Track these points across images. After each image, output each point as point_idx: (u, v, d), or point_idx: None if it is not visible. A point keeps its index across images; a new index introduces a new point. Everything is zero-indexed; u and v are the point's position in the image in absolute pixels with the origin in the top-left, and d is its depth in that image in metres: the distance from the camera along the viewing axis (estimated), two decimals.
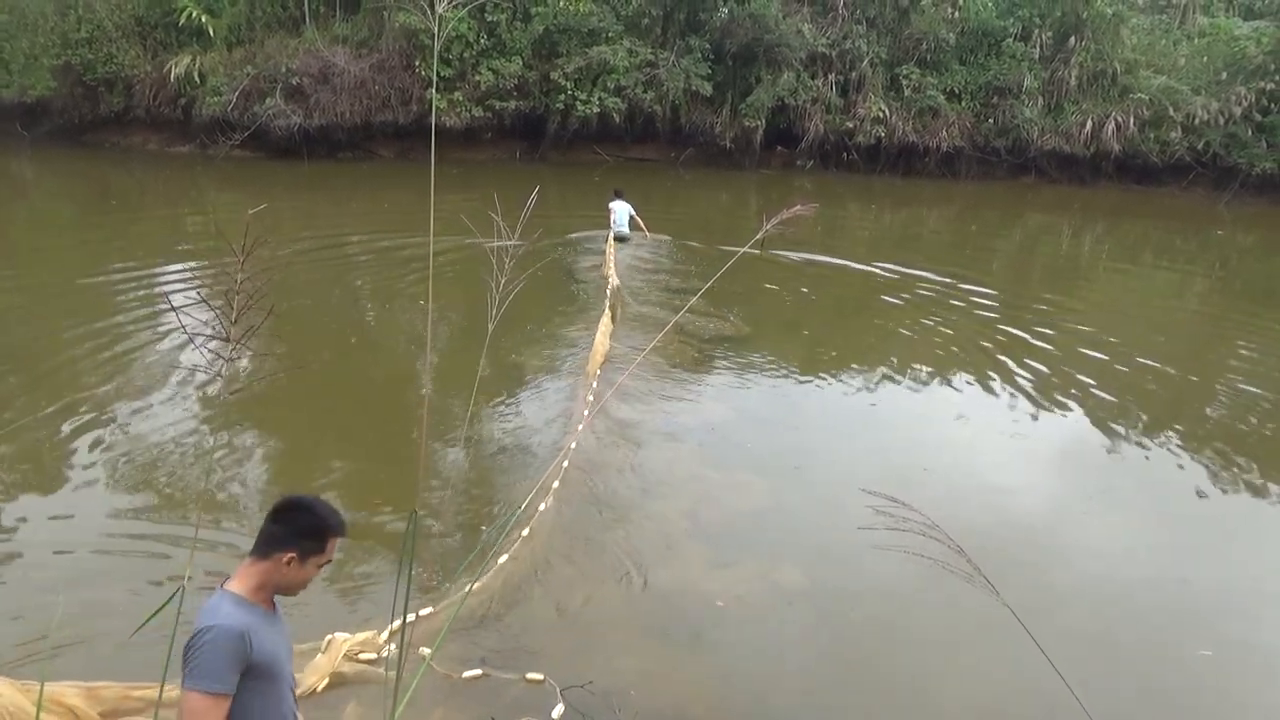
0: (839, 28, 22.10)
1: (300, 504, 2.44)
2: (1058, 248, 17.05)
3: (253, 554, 2.39)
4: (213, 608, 2.26)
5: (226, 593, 2.32)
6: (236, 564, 4.93)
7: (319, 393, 7.88)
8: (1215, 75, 21.29)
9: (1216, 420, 8.39)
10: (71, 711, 3.47)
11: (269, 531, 2.38)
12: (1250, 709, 4.57)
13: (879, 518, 2.10)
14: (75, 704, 3.49)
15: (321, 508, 2.45)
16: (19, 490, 5.95)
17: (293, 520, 2.39)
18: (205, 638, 2.18)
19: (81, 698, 3.52)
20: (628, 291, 11.22)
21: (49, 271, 11.57)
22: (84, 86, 21.13)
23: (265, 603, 2.40)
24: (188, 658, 2.18)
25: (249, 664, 2.24)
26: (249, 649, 2.23)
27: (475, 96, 20.54)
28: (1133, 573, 5.65)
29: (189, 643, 2.19)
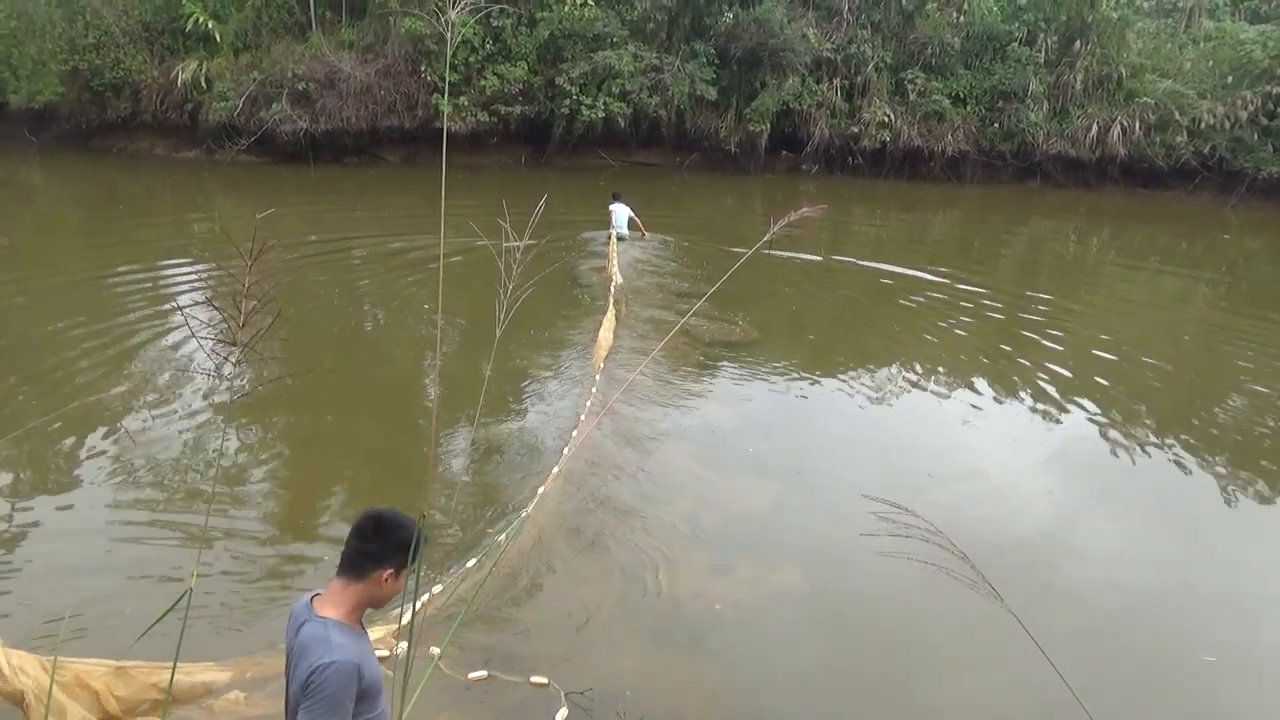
0: (844, 32, 22.11)
1: (387, 519, 2.40)
2: (1064, 251, 17.02)
3: (346, 575, 2.36)
4: (323, 639, 2.26)
5: (330, 621, 2.31)
6: (241, 567, 5.04)
7: (326, 396, 7.90)
8: (1221, 79, 21.26)
9: (1222, 424, 8.37)
10: (95, 695, 3.48)
11: (363, 550, 2.35)
12: (1253, 715, 4.56)
13: (881, 524, 2.10)
14: (98, 688, 3.50)
15: (405, 518, 2.42)
16: (26, 492, 5.98)
17: (387, 537, 2.36)
18: (326, 674, 2.19)
19: (107, 679, 3.54)
20: (633, 293, 11.29)
21: (57, 275, 11.61)
22: (91, 92, 21.22)
23: (359, 624, 2.40)
24: (309, 692, 2.19)
25: (359, 692, 2.26)
26: (362, 680, 2.25)
27: (481, 102, 20.59)
28: (1136, 578, 5.64)
29: (309, 677, 2.20)
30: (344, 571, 2.36)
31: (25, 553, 5.26)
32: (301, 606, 2.39)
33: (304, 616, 2.34)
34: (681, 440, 7.18)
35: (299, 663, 2.26)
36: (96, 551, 5.28)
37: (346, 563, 2.36)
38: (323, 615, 2.32)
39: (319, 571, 5.18)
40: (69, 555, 5.23)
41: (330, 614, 2.32)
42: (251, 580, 5.08)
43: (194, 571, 2.10)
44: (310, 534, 5.66)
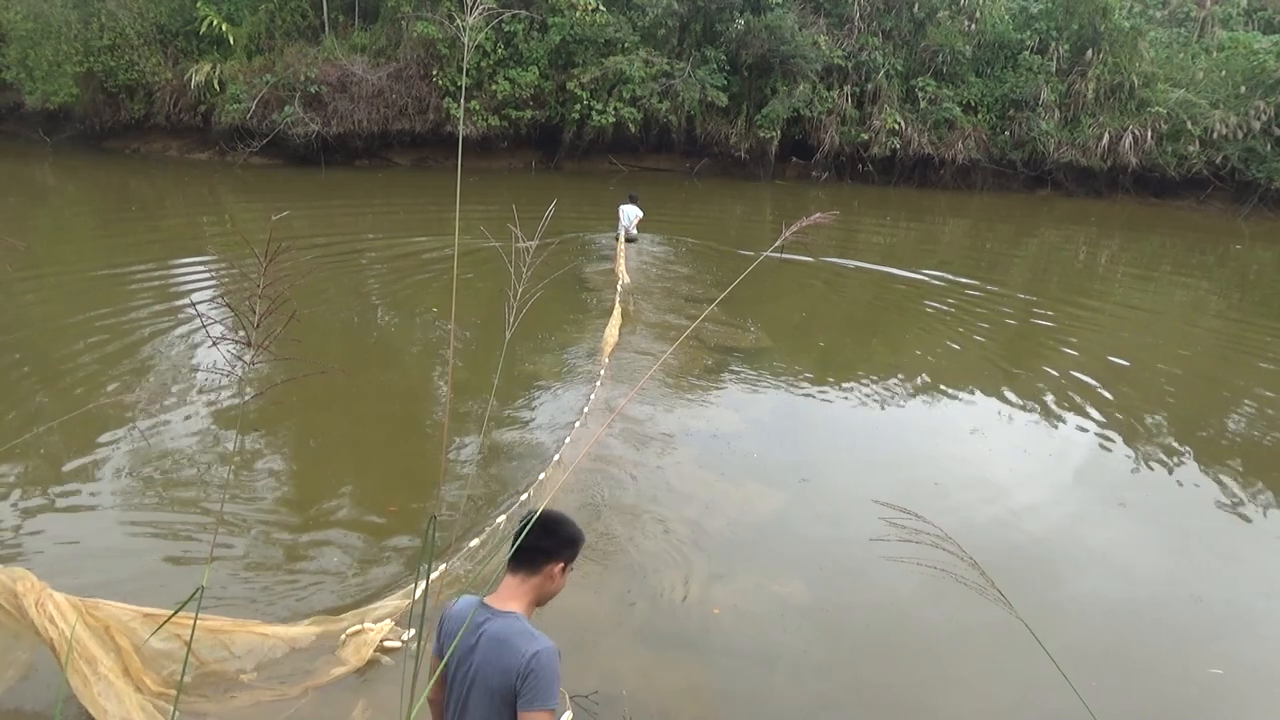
0: (855, 40, 22.13)
1: (555, 517, 2.52)
2: (1074, 260, 16.97)
3: (519, 571, 2.45)
4: (522, 630, 2.35)
5: (518, 614, 2.40)
6: (254, 564, 5.07)
7: (337, 397, 7.93)
8: (1234, 89, 21.19)
9: (1233, 435, 8.32)
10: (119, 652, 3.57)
11: (537, 547, 2.43)
12: None
13: (889, 529, 2.10)
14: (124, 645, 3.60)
15: (568, 517, 2.57)
16: (41, 490, 6.01)
17: (558, 533, 2.48)
18: (541, 660, 2.29)
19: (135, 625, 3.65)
20: (643, 294, 11.41)
21: (71, 275, 11.69)
22: (105, 93, 21.39)
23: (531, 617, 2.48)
24: (530, 679, 2.27)
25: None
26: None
27: (492, 106, 20.68)
28: (1146, 589, 5.61)
29: (528, 664, 2.28)
30: (519, 568, 2.45)
31: (39, 551, 5.29)
32: (470, 606, 2.43)
33: (485, 615, 2.40)
34: (687, 445, 7.18)
35: (499, 656, 2.32)
36: (110, 550, 5.32)
37: (520, 560, 2.44)
38: (504, 610, 2.39)
39: (332, 568, 5.22)
40: (83, 554, 5.26)
41: (513, 608, 2.41)
42: (264, 576, 5.12)
43: (206, 569, 2.11)
44: (324, 532, 5.68)
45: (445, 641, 2.45)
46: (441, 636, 2.48)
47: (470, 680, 2.38)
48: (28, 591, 3.46)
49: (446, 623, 2.48)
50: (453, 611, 2.49)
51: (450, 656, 2.40)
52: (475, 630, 2.38)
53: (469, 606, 2.44)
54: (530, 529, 2.41)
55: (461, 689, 2.40)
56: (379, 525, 5.81)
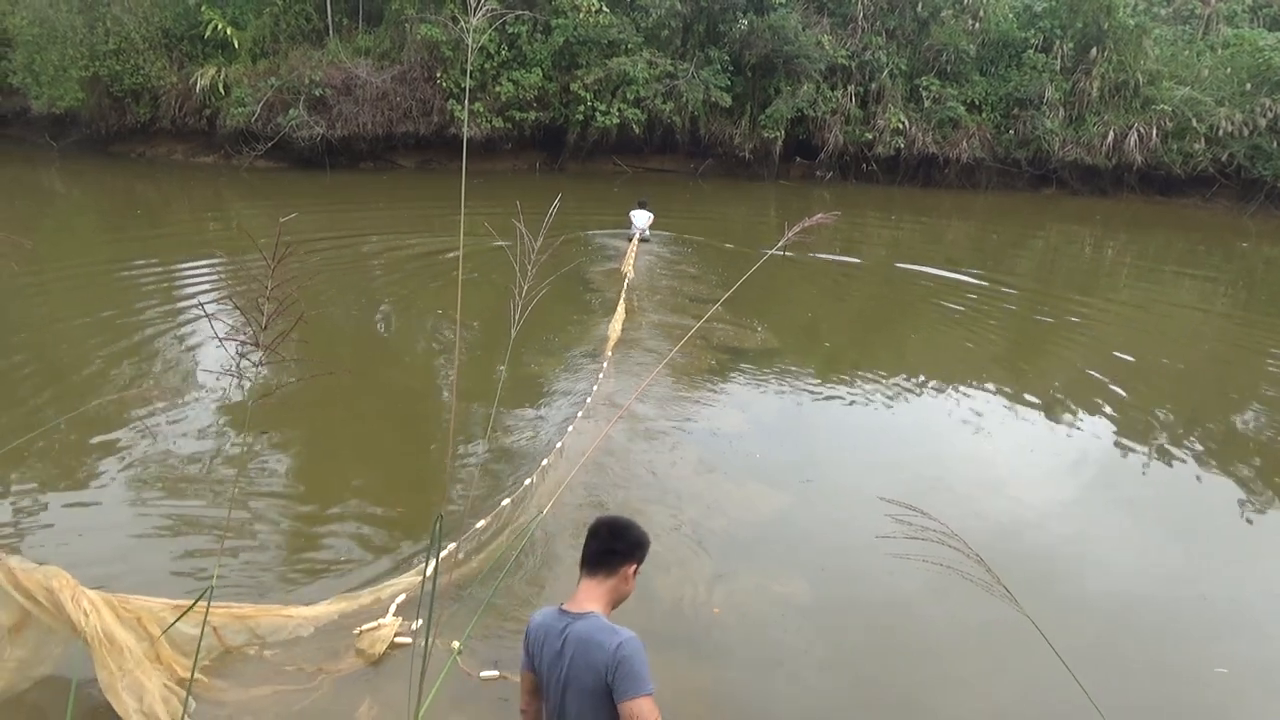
0: (858, 39, 22.11)
1: (623, 522, 2.68)
2: (1079, 259, 16.94)
3: (595, 574, 2.57)
4: (605, 628, 2.45)
5: (595, 614, 2.50)
6: (261, 567, 5.09)
7: (343, 397, 7.95)
8: (1239, 86, 21.13)
9: (1242, 433, 8.31)
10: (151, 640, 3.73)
11: (610, 550, 2.59)
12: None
13: (893, 527, 2.10)
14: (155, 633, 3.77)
15: (633, 520, 2.73)
16: (48, 489, 6.05)
17: (627, 536, 2.63)
18: (630, 648, 2.39)
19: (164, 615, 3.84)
20: (650, 291, 11.57)
21: (77, 276, 11.73)
22: (111, 98, 21.45)
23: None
24: (622, 668, 2.36)
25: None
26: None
27: (496, 107, 20.70)
28: (1152, 587, 5.60)
29: (616, 654, 2.37)
30: (594, 571, 2.57)
31: (46, 551, 5.31)
32: (551, 615, 2.56)
33: (566, 620, 2.50)
34: (690, 444, 7.19)
35: (586, 655, 2.41)
36: (118, 549, 5.34)
37: (595, 563, 2.57)
38: (583, 611, 2.50)
39: (341, 558, 5.26)
40: (90, 552, 5.27)
41: (591, 609, 2.51)
42: (271, 574, 5.14)
43: (215, 569, 2.13)
44: (330, 530, 5.72)
45: (534, 652, 2.56)
46: (530, 649, 2.58)
47: (563, 684, 2.45)
48: (63, 588, 3.57)
49: (532, 634, 2.57)
50: (536, 622, 2.58)
51: (540, 665, 2.52)
52: (560, 635, 2.47)
53: (550, 616, 2.55)
54: (600, 533, 2.59)
55: (556, 695, 2.48)
56: (386, 519, 5.86)
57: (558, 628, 2.50)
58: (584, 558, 2.60)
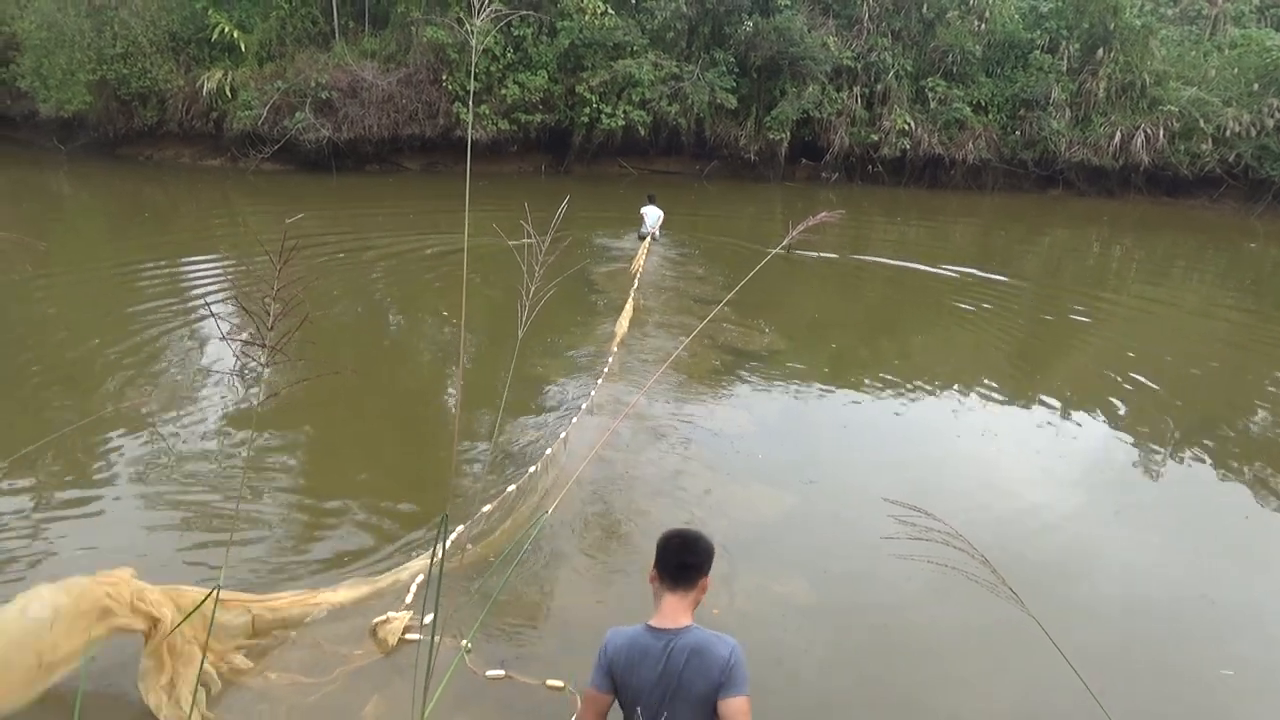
0: (864, 40, 22.10)
1: (693, 534, 2.81)
2: (1086, 260, 16.90)
3: (677, 589, 2.70)
4: (708, 638, 2.64)
5: (693, 627, 2.67)
6: (269, 564, 5.12)
7: (349, 398, 7.98)
8: (1247, 87, 21.07)
9: (1248, 436, 8.27)
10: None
11: (688, 564, 2.71)
12: None
13: (896, 528, 2.10)
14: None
15: (697, 530, 2.86)
16: (56, 493, 6.07)
17: (699, 549, 2.75)
18: (740, 654, 2.62)
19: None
20: (657, 289, 11.65)
21: (86, 280, 11.78)
22: (119, 101, 21.54)
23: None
24: (733, 674, 2.57)
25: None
26: None
27: (501, 110, 20.73)
28: (1157, 590, 5.58)
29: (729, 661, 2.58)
30: (678, 587, 2.70)
31: (56, 554, 5.34)
32: (639, 635, 2.68)
33: (665, 637, 2.64)
34: (693, 444, 7.18)
35: (702, 664, 2.58)
36: (126, 552, 5.35)
37: (678, 580, 2.70)
38: (679, 625, 2.66)
39: (349, 555, 5.30)
40: (99, 557, 5.29)
41: (685, 623, 2.67)
42: (281, 564, 5.17)
43: (222, 570, 2.14)
44: (336, 530, 5.73)
45: (620, 674, 2.66)
46: (613, 671, 2.68)
47: (669, 696, 2.60)
48: (127, 585, 3.87)
49: (617, 656, 2.67)
50: (619, 645, 2.68)
51: (630, 684, 2.65)
52: (663, 652, 2.61)
53: (640, 636, 2.67)
54: (676, 549, 2.72)
55: (658, 707, 2.61)
56: (393, 512, 5.88)
57: (657, 646, 2.62)
58: (665, 575, 2.71)
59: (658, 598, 2.74)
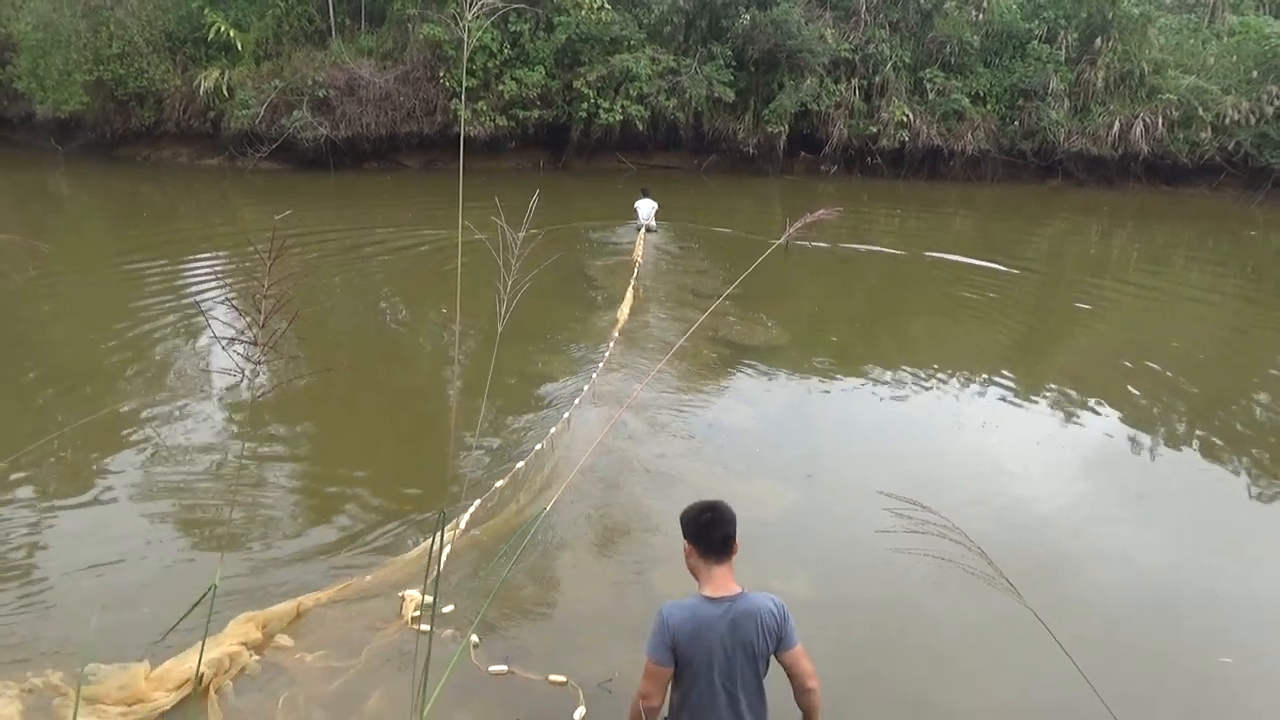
0: (862, 32, 22.04)
1: (721, 506, 2.96)
2: (1086, 250, 16.88)
3: (720, 560, 2.91)
4: (757, 598, 2.90)
5: (743, 592, 2.89)
6: (263, 565, 5.12)
7: (344, 393, 8.00)
8: (1246, 74, 21.00)
9: (1248, 424, 8.26)
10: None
11: (727, 536, 2.91)
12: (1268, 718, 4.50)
13: (895, 520, 2.09)
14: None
15: (718, 500, 3.02)
16: (55, 491, 6.08)
17: (731, 518, 2.93)
18: (786, 609, 2.92)
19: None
20: (657, 285, 11.72)
21: (85, 280, 11.78)
22: (116, 101, 21.50)
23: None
24: (789, 624, 2.89)
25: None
26: None
27: (499, 106, 20.69)
28: (1158, 580, 5.57)
29: (783, 614, 2.89)
30: (723, 557, 2.91)
31: (52, 555, 5.34)
32: (698, 606, 2.86)
33: (724, 605, 2.84)
34: (693, 438, 7.19)
35: (761, 622, 2.83)
36: (122, 551, 5.36)
37: (721, 551, 2.90)
38: (733, 593, 2.87)
39: (338, 562, 5.27)
40: (95, 556, 5.30)
41: (736, 589, 2.89)
42: (276, 572, 5.16)
43: (219, 568, 2.13)
44: (332, 527, 5.73)
45: (684, 644, 2.81)
46: (675, 643, 2.82)
47: (732, 654, 2.82)
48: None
49: (681, 628, 2.82)
50: (681, 618, 2.83)
51: (696, 652, 2.81)
52: (724, 617, 2.82)
53: (699, 608, 2.85)
54: (712, 524, 2.90)
55: (723, 669, 2.82)
56: (392, 508, 5.88)
57: (717, 613, 2.82)
58: (709, 550, 2.90)
59: (704, 570, 2.91)
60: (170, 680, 3.95)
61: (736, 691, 2.85)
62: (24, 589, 4.94)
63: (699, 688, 2.84)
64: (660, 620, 2.85)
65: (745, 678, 2.85)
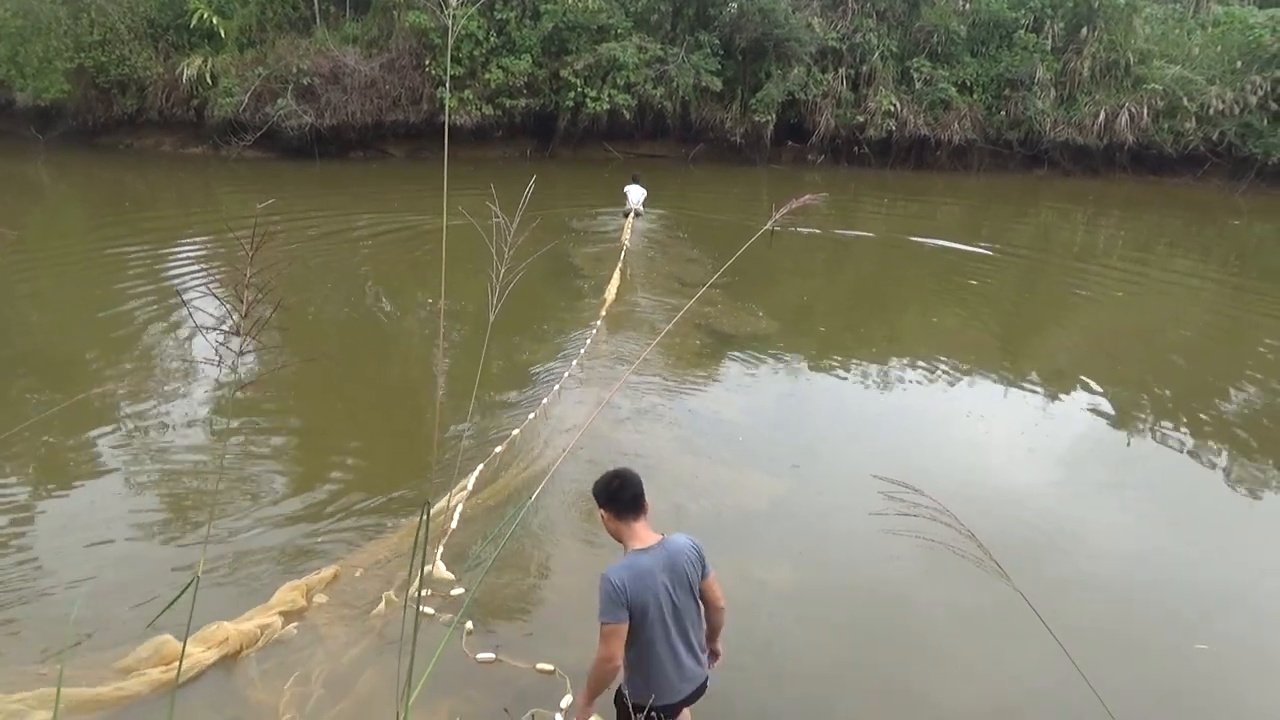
0: (849, 21, 22.01)
1: (627, 471, 3.28)
2: (1072, 239, 16.95)
3: (637, 516, 3.21)
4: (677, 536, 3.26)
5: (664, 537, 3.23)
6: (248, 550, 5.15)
7: (328, 381, 7.98)
8: (1230, 64, 21.08)
9: (1233, 415, 8.32)
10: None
11: (636, 495, 3.20)
12: (1243, 703, 4.55)
13: (885, 504, 2.09)
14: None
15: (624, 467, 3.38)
16: (38, 481, 6.04)
17: (638, 479, 3.24)
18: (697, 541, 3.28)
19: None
20: (644, 272, 11.87)
21: (64, 268, 11.67)
22: (97, 89, 21.26)
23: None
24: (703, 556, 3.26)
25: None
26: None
27: (485, 95, 20.57)
28: (1140, 568, 5.63)
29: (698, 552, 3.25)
30: (638, 514, 3.21)
31: (34, 546, 5.31)
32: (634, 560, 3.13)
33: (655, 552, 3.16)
34: (677, 426, 7.21)
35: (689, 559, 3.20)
36: (104, 541, 5.34)
37: (634, 508, 3.20)
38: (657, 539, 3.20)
39: (323, 550, 5.24)
40: (77, 546, 5.28)
41: (657, 536, 3.22)
42: (257, 564, 5.15)
43: (201, 559, 2.12)
44: (316, 515, 5.72)
45: (635, 596, 3.06)
46: (629, 599, 3.05)
47: (673, 589, 3.14)
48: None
49: (630, 584, 3.06)
50: (625, 575, 3.07)
51: (646, 599, 3.07)
52: (660, 560, 3.14)
53: (636, 561, 3.12)
54: (623, 487, 3.19)
55: (669, 604, 3.13)
56: (375, 504, 5.87)
57: (651, 560, 3.13)
58: (626, 511, 3.19)
59: (626, 529, 3.20)
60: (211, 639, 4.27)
61: (684, 621, 3.19)
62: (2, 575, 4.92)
63: (652, 627, 3.11)
64: (607, 584, 3.06)
65: (686, 607, 3.20)
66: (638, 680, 3.19)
